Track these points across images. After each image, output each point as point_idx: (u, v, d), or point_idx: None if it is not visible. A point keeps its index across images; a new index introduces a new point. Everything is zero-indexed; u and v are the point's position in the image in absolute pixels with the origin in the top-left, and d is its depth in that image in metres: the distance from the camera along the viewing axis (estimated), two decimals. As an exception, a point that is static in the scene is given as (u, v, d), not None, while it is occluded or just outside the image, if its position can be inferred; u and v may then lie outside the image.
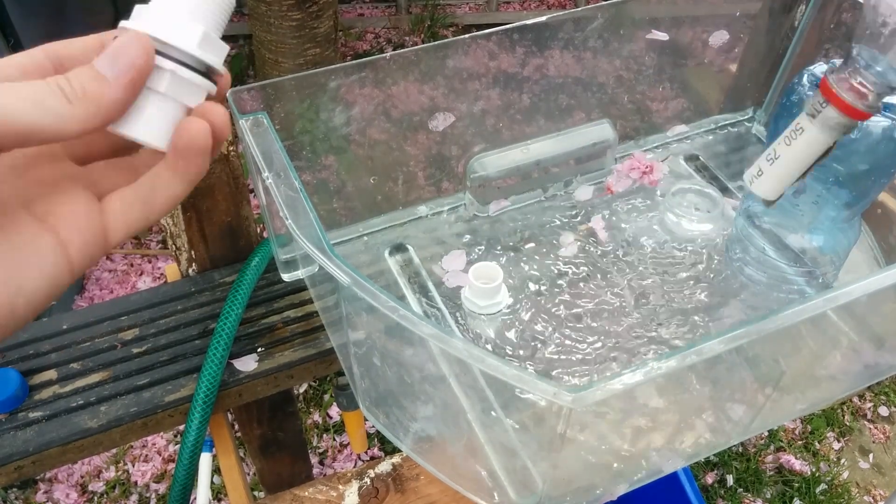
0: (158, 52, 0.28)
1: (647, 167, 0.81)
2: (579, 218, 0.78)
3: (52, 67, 0.28)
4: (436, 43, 0.68)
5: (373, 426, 0.81)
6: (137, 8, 0.28)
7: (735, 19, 0.82)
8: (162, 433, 1.60)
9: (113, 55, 0.26)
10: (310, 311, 0.73)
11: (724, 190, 0.82)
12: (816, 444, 1.68)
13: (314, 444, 1.62)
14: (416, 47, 0.67)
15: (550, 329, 0.67)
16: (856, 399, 1.77)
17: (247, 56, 2.56)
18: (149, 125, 0.28)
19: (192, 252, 0.76)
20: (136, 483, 1.56)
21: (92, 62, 0.27)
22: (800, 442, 1.69)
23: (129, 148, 0.32)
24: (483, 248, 0.75)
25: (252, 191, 1.41)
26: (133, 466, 1.58)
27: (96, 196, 0.30)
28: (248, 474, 1.41)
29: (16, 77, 0.27)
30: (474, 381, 0.57)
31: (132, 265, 1.99)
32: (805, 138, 0.48)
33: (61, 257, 0.27)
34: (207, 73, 0.30)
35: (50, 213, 0.28)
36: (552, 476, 0.50)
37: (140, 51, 0.27)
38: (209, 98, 0.30)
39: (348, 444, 1.62)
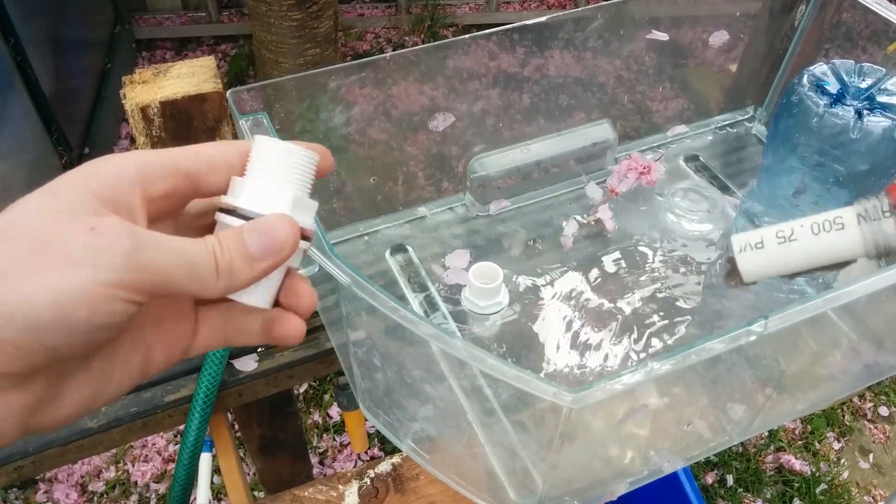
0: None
1: (644, 167, 0.81)
2: (580, 218, 0.78)
3: (191, 183, 0.28)
4: (436, 43, 0.68)
5: (373, 426, 0.81)
6: (234, 181, 0.29)
7: (735, 19, 0.82)
8: (162, 433, 1.60)
9: (263, 235, 0.27)
10: (310, 311, 0.73)
11: (725, 190, 0.82)
12: (816, 444, 1.68)
13: (314, 444, 1.62)
14: (416, 47, 0.68)
15: (550, 328, 0.67)
16: (856, 399, 1.77)
17: (247, 56, 2.56)
18: (260, 293, 0.30)
19: (192, 252, 0.76)
20: (136, 483, 1.56)
21: (243, 234, 0.27)
22: (800, 442, 1.69)
23: None
24: (483, 248, 0.75)
25: (252, 191, 1.41)
26: (133, 466, 1.58)
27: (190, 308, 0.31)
28: (248, 474, 1.41)
29: (205, 173, 0.28)
30: (474, 381, 0.57)
31: (132, 265, 1.98)
32: (840, 238, 0.35)
33: (141, 372, 0.29)
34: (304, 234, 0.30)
35: (159, 326, 0.29)
36: (552, 476, 0.50)
37: (290, 240, 0.28)
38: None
39: (348, 444, 1.62)
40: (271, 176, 0.29)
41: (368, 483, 0.70)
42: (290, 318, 0.31)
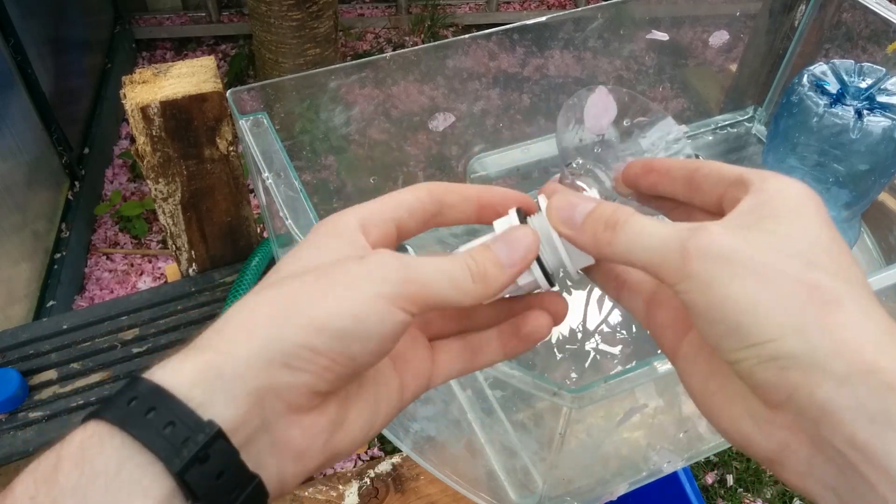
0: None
1: None
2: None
3: (433, 210, 0.32)
4: (436, 43, 0.68)
5: (373, 426, 0.81)
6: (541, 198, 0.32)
7: (735, 19, 0.82)
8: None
9: (509, 244, 0.30)
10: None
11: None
12: (816, 444, 1.68)
13: (314, 444, 1.62)
14: (416, 47, 0.68)
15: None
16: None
17: (247, 56, 2.56)
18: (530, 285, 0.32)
19: (192, 252, 0.76)
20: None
21: (490, 246, 0.30)
22: (800, 442, 1.69)
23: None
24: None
25: (252, 191, 1.41)
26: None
27: (427, 338, 0.33)
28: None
29: (405, 218, 0.31)
30: (474, 381, 0.57)
31: (132, 265, 1.98)
32: None
33: (399, 400, 0.31)
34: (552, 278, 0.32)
35: (400, 358, 0.31)
36: (552, 476, 0.50)
37: (532, 248, 0.30)
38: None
39: (348, 444, 1.62)
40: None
41: (368, 483, 0.70)
42: (535, 314, 0.32)
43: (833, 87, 0.65)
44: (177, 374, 0.24)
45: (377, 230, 0.30)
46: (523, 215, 0.32)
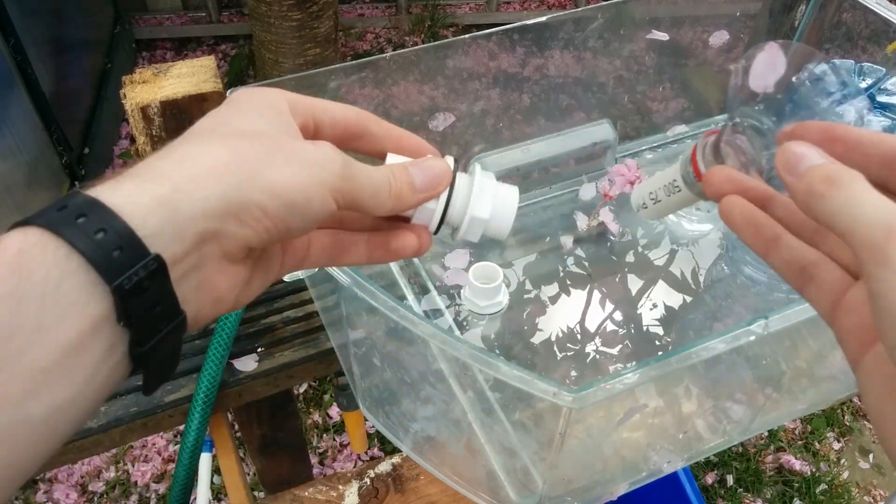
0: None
1: (634, 177, 0.81)
2: (581, 221, 0.78)
3: (355, 131, 0.34)
4: (436, 43, 0.68)
5: (373, 426, 0.81)
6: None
7: (735, 19, 0.82)
8: (162, 433, 1.60)
9: (424, 171, 0.33)
10: (310, 312, 0.73)
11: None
12: (816, 444, 1.68)
13: (314, 444, 1.62)
14: (416, 47, 0.68)
15: (550, 329, 0.67)
16: (856, 399, 1.77)
17: (247, 56, 2.56)
18: (426, 217, 0.35)
19: (192, 252, 0.76)
20: (136, 483, 1.56)
21: (408, 168, 0.33)
22: (800, 442, 1.69)
23: None
24: (483, 247, 0.75)
25: (252, 191, 1.41)
26: (133, 466, 1.58)
27: None
28: (248, 474, 1.41)
29: (326, 123, 0.33)
30: (474, 381, 0.57)
31: (132, 265, 1.98)
32: (680, 196, 0.50)
33: (277, 273, 0.33)
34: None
35: (284, 243, 0.33)
36: (552, 476, 0.50)
37: (442, 181, 0.33)
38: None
39: (348, 444, 1.62)
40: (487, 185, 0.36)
41: (368, 483, 0.70)
42: (406, 234, 0.35)
43: (833, 87, 0.65)
44: (131, 200, 0.24)
45: (299, 120, 0.32)
46: (458, 167, 0.35)
